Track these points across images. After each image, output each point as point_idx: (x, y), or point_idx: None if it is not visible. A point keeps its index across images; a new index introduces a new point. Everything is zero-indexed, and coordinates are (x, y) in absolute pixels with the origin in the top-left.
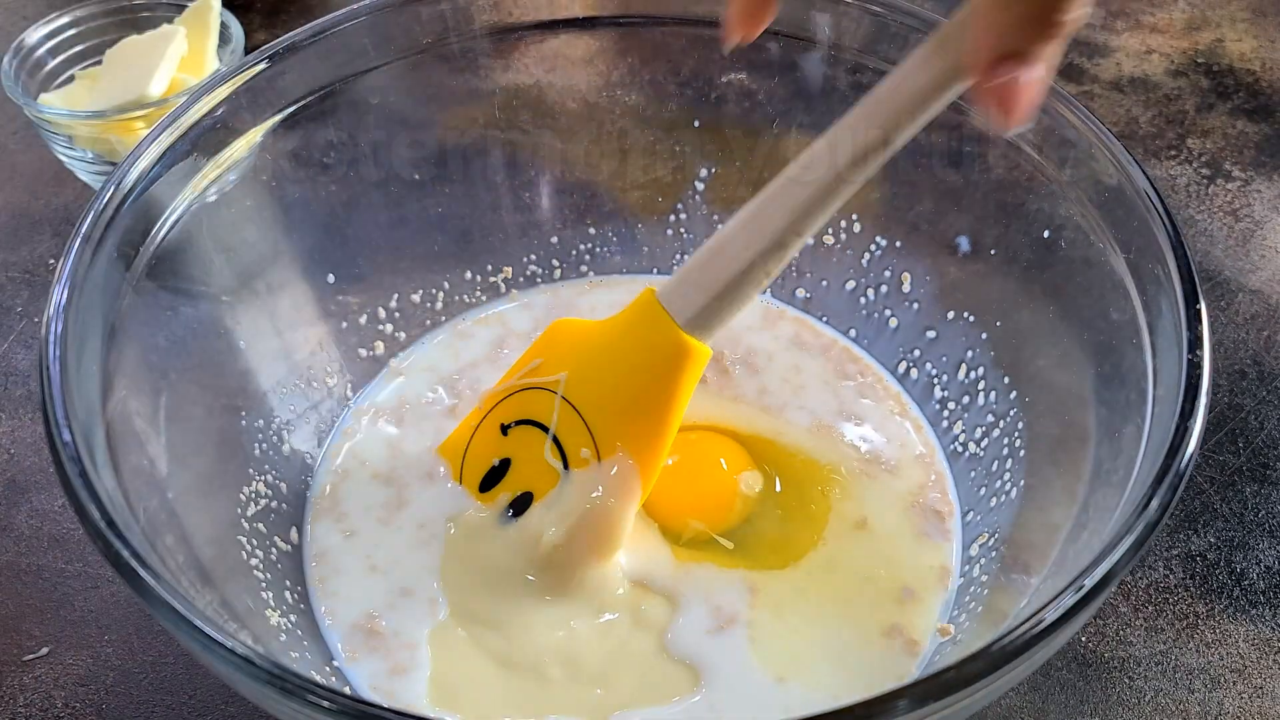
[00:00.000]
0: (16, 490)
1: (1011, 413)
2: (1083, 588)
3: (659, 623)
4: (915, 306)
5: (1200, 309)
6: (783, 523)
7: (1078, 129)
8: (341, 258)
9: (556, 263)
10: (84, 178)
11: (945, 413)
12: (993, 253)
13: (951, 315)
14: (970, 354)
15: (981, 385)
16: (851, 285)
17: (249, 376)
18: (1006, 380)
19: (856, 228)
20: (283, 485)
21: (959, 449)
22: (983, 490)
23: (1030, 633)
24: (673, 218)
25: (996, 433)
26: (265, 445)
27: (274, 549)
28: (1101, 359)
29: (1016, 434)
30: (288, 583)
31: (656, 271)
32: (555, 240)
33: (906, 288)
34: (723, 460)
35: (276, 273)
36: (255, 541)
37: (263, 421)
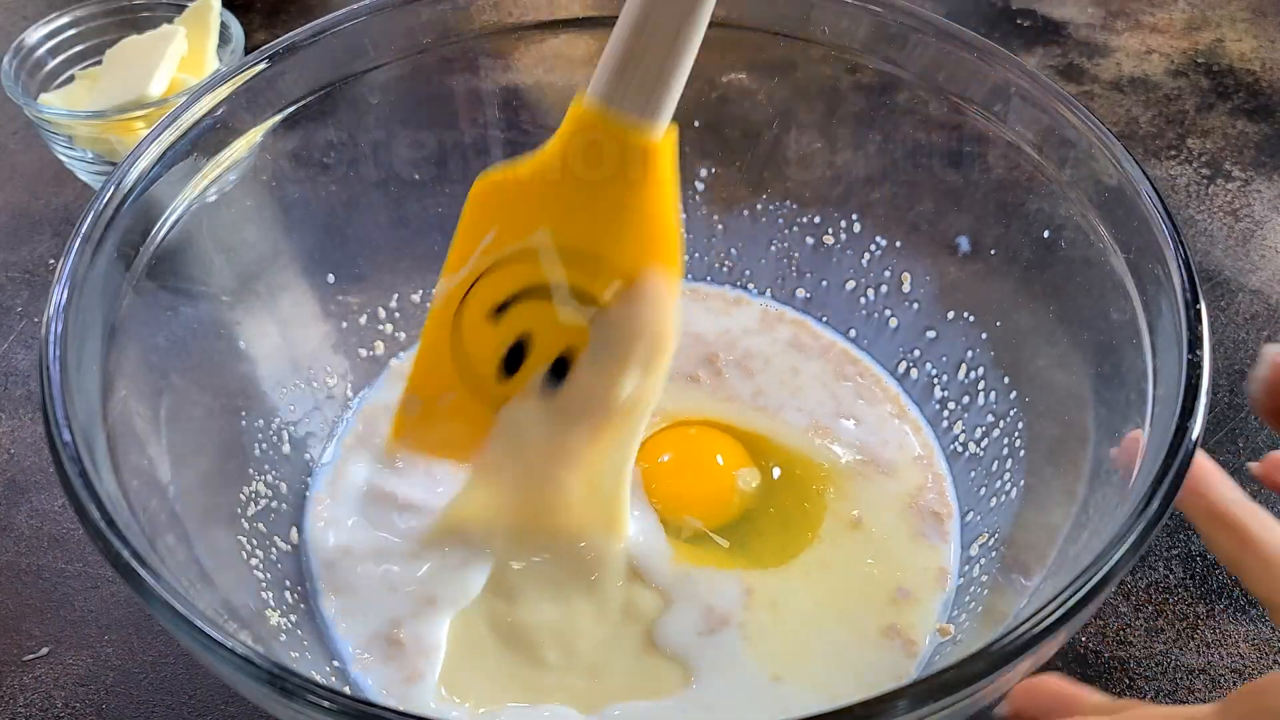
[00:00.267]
0: (16, 490)
1: (1011, 413)
2: (1083, 588)
3: (649, 616)
4: (915, 306)
5: (1200, 309)
6: (779, 522)
7: (1078, 129)
8: (341, 258)
9: None
10: (84, 178)
11: (945, 413)
12: (993, 253)
13: (951, 315)
14: (970, 354)
15: (981, 385)
16: (851, 285)
17: (249, 376)
18: (1006, 380)
19: (856, 228)
20: (283, 485)
21: (959, 449)
22: (982, 490)
23: (1030, 633)
24: None
25: (996, 433)
26: (265, 445)
27: (274, 549)
28: (1101, 359)
29: (1016, 434)
30: (288, 583)
31: None
32: None
33: (906, 288)
34: (720, 456)
35: (276, 273)
36: (255, 541)
37: (263, 421)
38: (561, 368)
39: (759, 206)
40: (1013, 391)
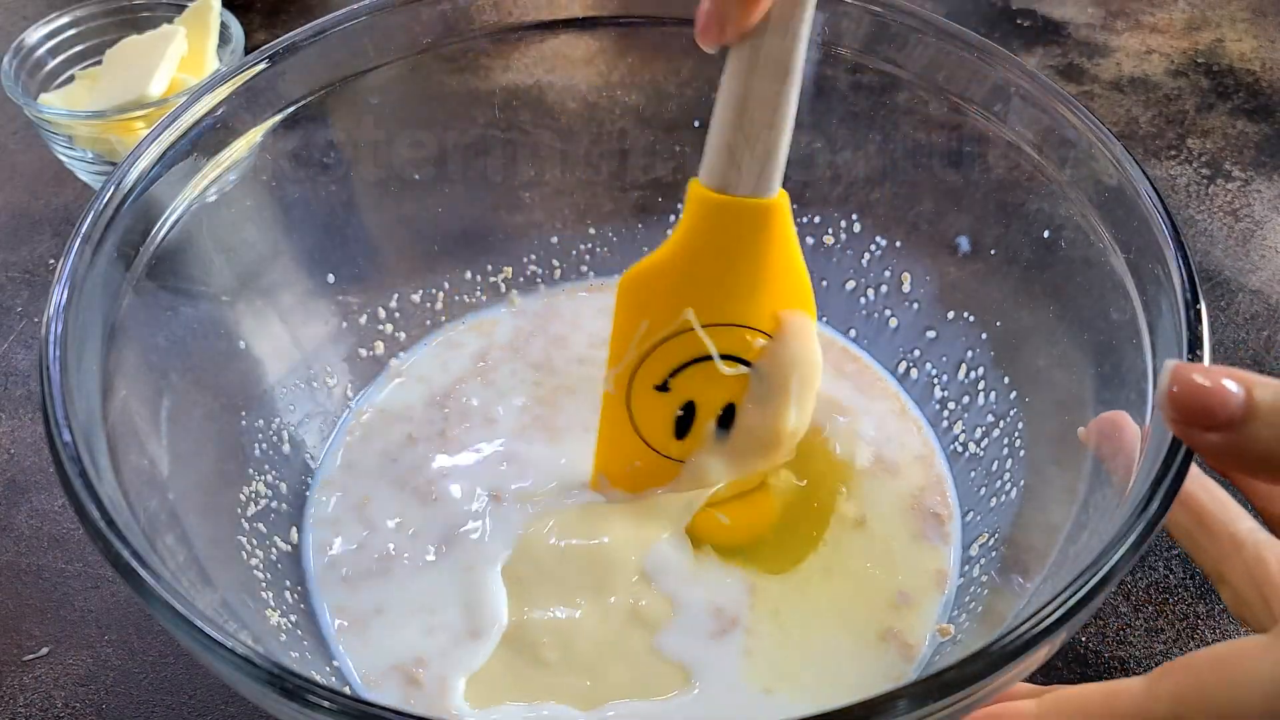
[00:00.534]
0: (16, 490)
1: (1011, 413)
2: (1082, 588)
3: (656, 620)
4: (915, 306)
5: (1200, 309)
6: (783, 524)
7: (1078, 129)
8: (341, 258)
9: (556, 263)
10: (84, 178)
11: (945, 413)
12: (993, 253)
13: (951, 315)
14: (970, 354)
15: (981, 385)
16: (851, 285)
17: (249, 376)
18: (1006, 380)
19: (856, 228)
20: (283, 485)
21: (959, 449)
22: (982, 490)
23: (1030, 633)
24: (673, 218)
25: (996, 433)
26: (265, 445)
27: (274, 549)
28: (1101, 359)
29: (1016, 434)
30: (288, 583)
31: None
32: (555, 240)
33: (906, 288)
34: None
35: (276, 273)
36: (255, 541)
37: (263, 421)
38: (728, 416)
39: None
40: (1013, 391)
